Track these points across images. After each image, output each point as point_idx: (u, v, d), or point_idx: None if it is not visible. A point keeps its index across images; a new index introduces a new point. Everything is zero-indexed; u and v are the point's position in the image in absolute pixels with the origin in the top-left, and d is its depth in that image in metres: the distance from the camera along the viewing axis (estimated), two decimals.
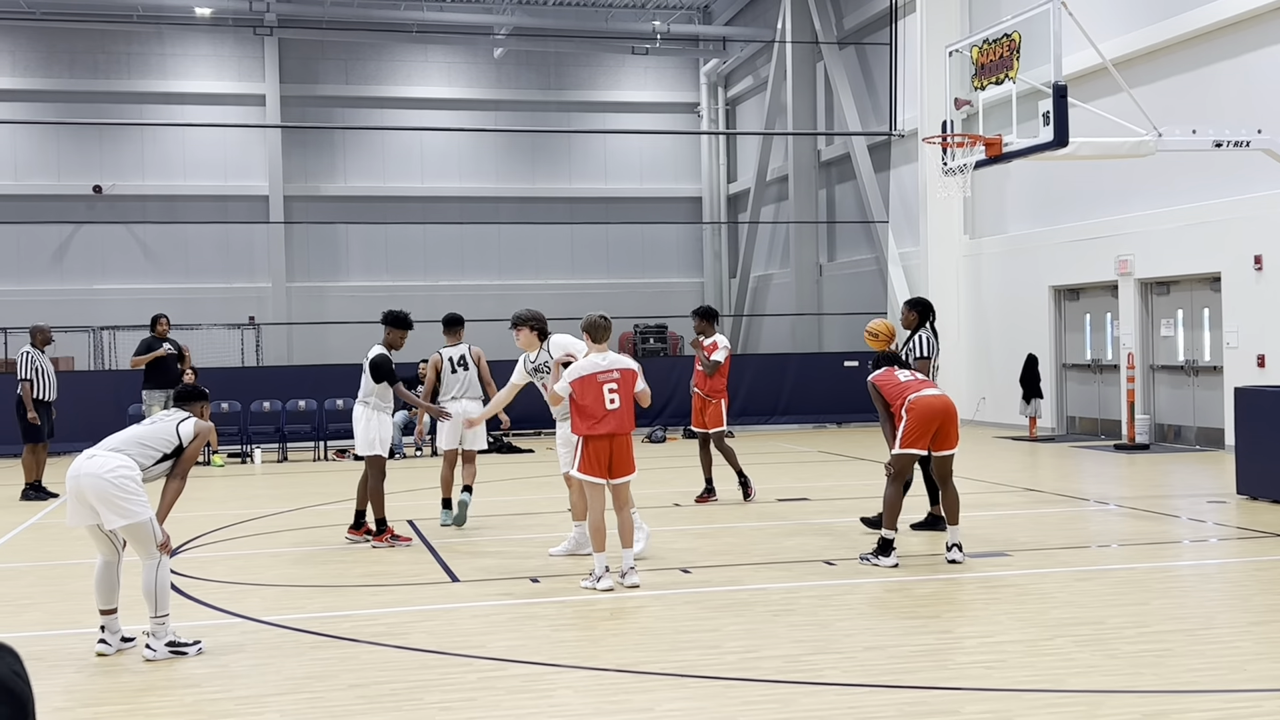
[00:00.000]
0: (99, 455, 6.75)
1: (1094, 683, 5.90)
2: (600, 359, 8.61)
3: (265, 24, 31.06)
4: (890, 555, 9.01)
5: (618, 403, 8.48)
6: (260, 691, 6.08)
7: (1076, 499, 12.94)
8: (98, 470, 6.63)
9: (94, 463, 6.69)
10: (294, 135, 32.33)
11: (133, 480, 6.66)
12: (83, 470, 6.68)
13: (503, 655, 6.64)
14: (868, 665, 6.29)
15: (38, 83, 30.95)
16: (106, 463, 6.68)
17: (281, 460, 19.62)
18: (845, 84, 27.74)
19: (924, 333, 10.96)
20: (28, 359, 14.90)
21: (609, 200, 34.56)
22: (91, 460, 6.71)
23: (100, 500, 6.60)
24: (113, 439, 6.98)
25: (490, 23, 32.01)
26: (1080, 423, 20.78)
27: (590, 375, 8.51)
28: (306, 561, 9.97)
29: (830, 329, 29.31)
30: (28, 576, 9.54)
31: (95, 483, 6.60)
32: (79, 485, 6.66)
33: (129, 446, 6.84)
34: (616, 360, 8.66)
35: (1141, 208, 18.76)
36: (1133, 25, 18.52)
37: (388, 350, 10.69)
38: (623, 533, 8.56)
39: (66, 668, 6.60)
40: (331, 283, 32.74)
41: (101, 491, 6.59)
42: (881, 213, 26.28)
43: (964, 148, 13.70)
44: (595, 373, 8.52)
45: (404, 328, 10.81)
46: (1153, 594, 7.95)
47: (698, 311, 13.29)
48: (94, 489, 6.60)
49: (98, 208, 31.33)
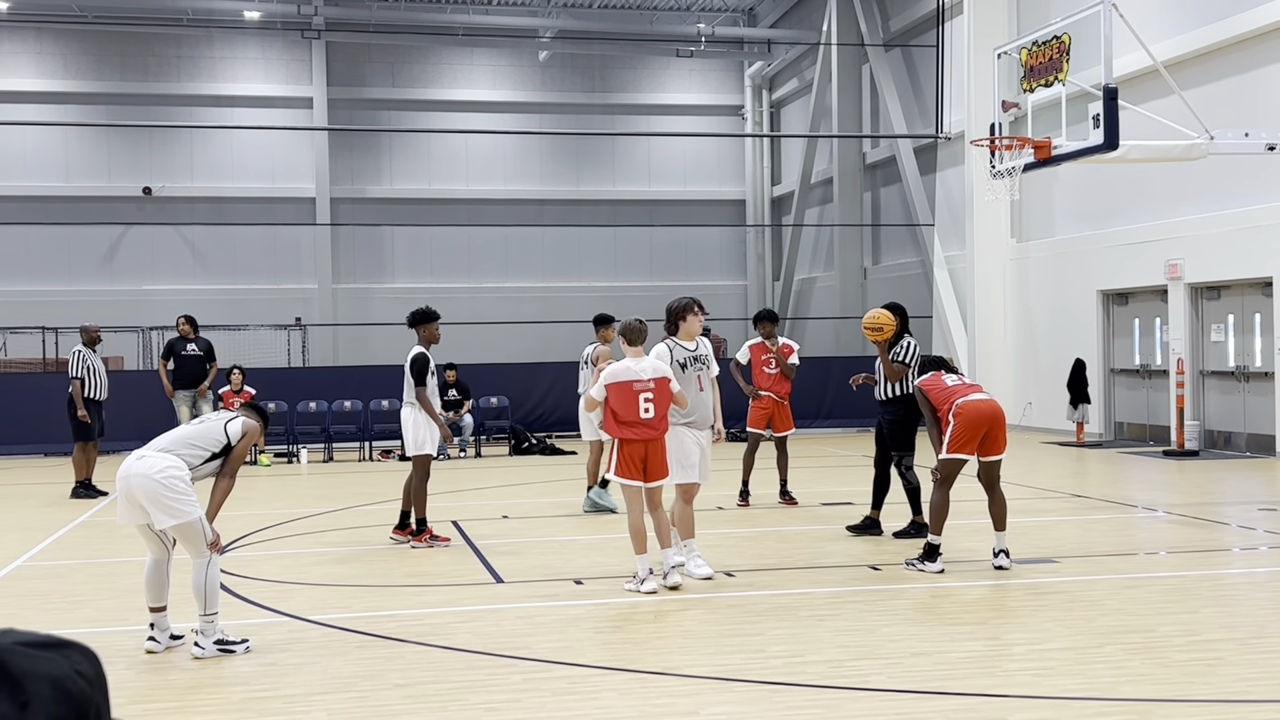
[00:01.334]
0: (148, 456, 6.81)
1: (1144, 691, 5.84)
2: (636, 364, 8.57)
3: (313, 27, 31.33)
4: (936, 560, 8.95)
5: (652, 412, 8.43)
6: (307, 690, 6.12)
7: (1125, 505, 12.81)
8: (147, 471, 6.69)
9: (143, 463, 6.75)
10: (340, 138, 32.55)
11: (181, 480, 6.72)
12: (132, 471, 6.74)
13: (547, 657, 6.65)
14: (914, 671, 6.24)
15: (89, 85, 31.32)
16: (155, 463, 6.73)
17: (327, 460, 19.74)
18: (891, 86, 27.60)
19: (908, 338, 10.88)
20: (79, 358, 15.07)
21: (652, 203, 34.57)
22: (141, 461, 6.77)
23: (150, 500, 6.66)
24: (161, 439, 7.04)
25: (535, 26, 32.12)
26: (1128, 428, 20.57)
27: (626, 383, 8.46)
28: (352, 561, 10.02)
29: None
30: (78, 574, 9.65)
31: (144, 483, 6.66)
32: (129, 485, 6.73)
33: (177, 446, 6.90)
34: (652, 367, 8.61)
35: (1192, 211, 18.54)
36: (1184, 27, 18.32)
37: (426, 347, 10.77)
38: (660, 533, 8.56)
39: (116, 664, 6.66)
40: (377, 284, 32.92)
41: (151, 492, 6.65)
42: (927, 216, 26.13)
43: (1012, 150, 13.60)
44: (631, 380, 8.47)
45: (434, 319, 10.88)
46: (1203, 602, 7.85)
47: (762, 315, 13.23)
48: (143, 489, 6.66)
49: (147, 209, 31.66)
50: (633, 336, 8.73)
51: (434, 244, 33.24)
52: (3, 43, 31.07)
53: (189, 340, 17.07)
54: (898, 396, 10.68)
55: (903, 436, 10.74)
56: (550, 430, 21.75)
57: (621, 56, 34.06)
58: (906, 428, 10.73)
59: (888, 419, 10.77)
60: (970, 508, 10.65)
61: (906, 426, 10.72)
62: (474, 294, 32.53)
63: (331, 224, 32.44)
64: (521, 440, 20.61)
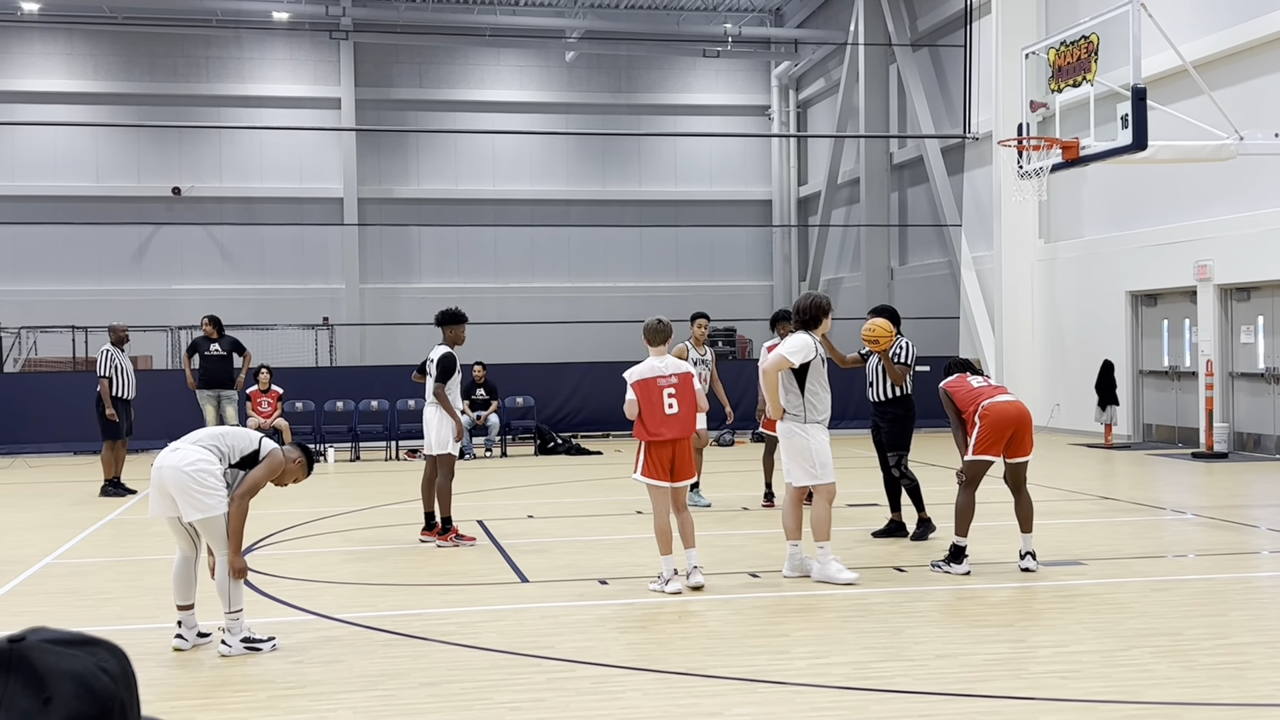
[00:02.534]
0: (181, 448, 6.86)
1: (1171, 694, 5.80)
2: (659, 362, 8.64)
3: (341, 28, 31.47)
4: (962, 562, 8.92)
5: (676, 407, 8.48)
6: (333, 689, 6.15)
7: (1153, 508, 12.73)
8: (178, 463, 6.74)
9: (175, 455, 6.80)
10: (368, 138, 32.68)
11: (212, 475, 6.76)
12: (165, 462, 6.80)
13: (572, 656, 6.66)
14: (939, 673, 6.23)
15: (119, 86, 31.54)
16: (187, 455, 6.78)
17: (354, 459, 19.83)
18: (918, 86, 27.52)
19: (903, 338, 10.86)
20: (107, 357, 15.17)
21: (679, 203, 34.57)
22: (174, 453, 6.83)
23: (179, 491, 6.71)
24: (196, 433, 7.08)
25: (562, 26, 32.16)
26: (1157, 430, 20.45)
27: (651, 379, 8.53)
28: (378, 560, 10.06)
29: (902, 333, 29.04)
30: (107, 572, 9.72)
31: (175, 475, 6.71)
32: (160, 476, 6.79)
33: (210, 440, 6.95)
34: (674, 364, 8.67)
35: (1221, 212, 18.42)
36: (1213, 27, 18.19)
37: (452, 348, 10.83)
38: (684, 533, 8.56)
39: (144, 662, 6.71)
40: (404, 284, 33.03)
41: (181, 484, 6.69)
42: (954, 216, 26.03)
43: (1040, 150, 13.54)
44: (655, 377, 8.54)
45: (462, 321, 11.01)
46: (1231, 605, 7.80)
47: (780, 316, 12.60)
48: (174, 480, 6.71)
49: (176, 209, 31.87)
50: (654, 336, 8.75)
51: (460, 244, 33.33)
52: (34, 44, 31.33)
53: (213, 340, 17.16)
54: (897, 397, 10.77)
55: (901, 435, 10.79)
56: (576, 430, 21.78)
57: (648, 57, 34.07)
58: (905, 427, 10.83)
59: (887, 419, 10.80)
60: (996, 509, 10.61)
61: (905, 425, 10.83)
62: (500, 294, 32.59)
63: (359, 224, 32.58)
64: (547, 440, 20.65)
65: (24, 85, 31.14)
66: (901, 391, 10.77)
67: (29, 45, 31.32)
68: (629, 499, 13.32)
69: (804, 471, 8.79)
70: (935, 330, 26.21)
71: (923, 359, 12.34)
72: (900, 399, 10.80)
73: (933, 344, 25.65)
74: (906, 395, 10.78)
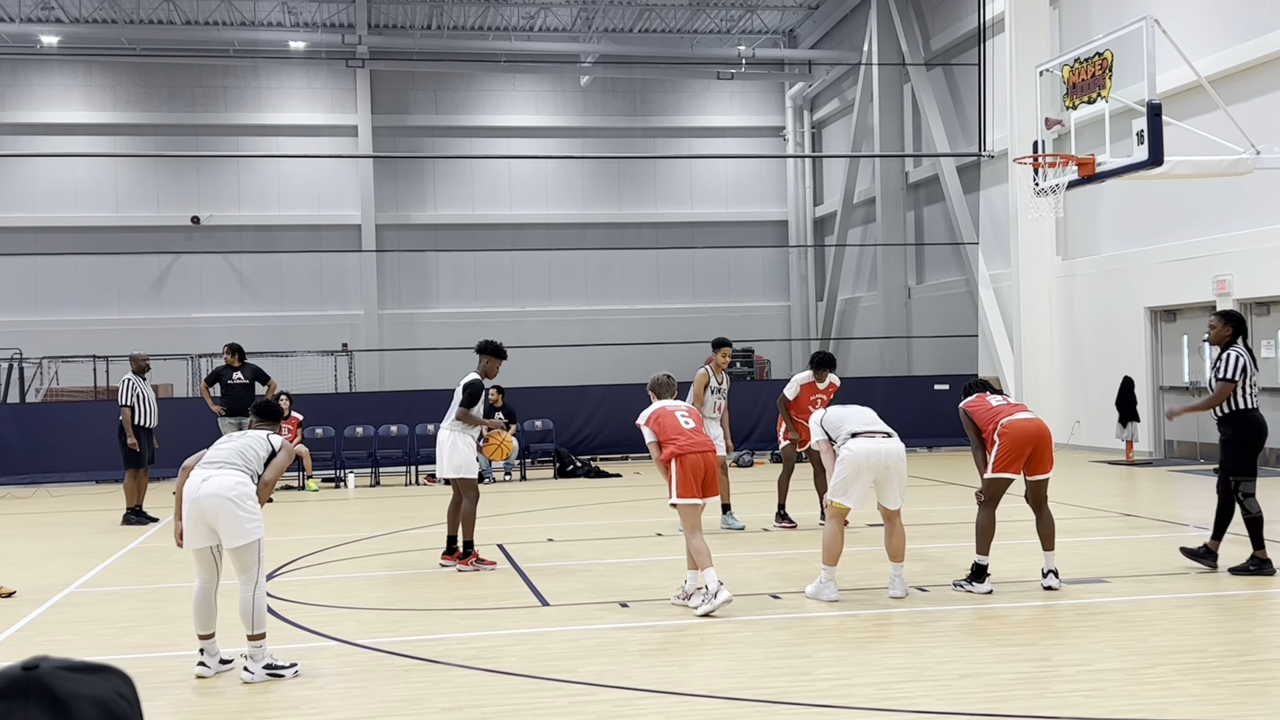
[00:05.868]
0: (214, 475, 6.87)
1: (1197, 712, 5.77)
2: (667, 403, 9.10)
3: (357, 56, 31.67)
4: (985, 581, 8.88)
5: (691, 423, 8.83)
6: (355, 714, 6.15)
7: (1175, 524, 12.66)
8: (219, 490, 6.75)
9: (212, 483, 6.80)
10: (385, 165, 32.86)
11: (252, 498, 6.84)
12: (203, 491, 6.79)
13: (593, 680, 6.65)
14: (963, 693, 6.20)
15: (138, 117, 31.81)
16: (225, 480, 6.80)
17: (374, 485, 19.85)
18: (933, 105, 27.54)
19: None
20: (129, 386, 15.24)
21: (695, 225, 34.63)
22: (208, 481, 6.82)
23: (228, 517, 6.73)
24: (215, 454, 7.08)
25: (577, 51, 32.32)
26: (1178, 446, 20.34)
27: (662, 408, 8.95)
28: (399, 585, 10.07)
29: (919, 352, 29.03)
30: (129, 600, 9.75)
31: (220, 503, 6.72)
32: (199, 507, 6.79)
33: (236, 458, 6.98)
34: (680, 404, 9.12)
35: (1239, 226, 18.36)
36: (1228, 42, 18.17)
37: (482, 378, 10.92)
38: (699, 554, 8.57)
39: (168, 689, 6.73)
40: (422, 309, 33.15)
41: (228, 512, 6.72)
42: (971, 234, 26.01)
43: (1056, 168, 13.53)
44: (666, 407, 8.97)
45: (500, 357, 11.06)
46: (1256, 622, 7.75)
47: (822, 361, 12.74)
48: (221, 509, 6.72)
49: (196, 238, 32.07)
50: (661, 391, 9.26)
51: (478, 268, 33.45)
52: (54, 76, 31.62)
53: (234, 369, 17.24)
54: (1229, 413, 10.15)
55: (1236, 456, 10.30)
56: (595, 453, 21.77)
57: (662, 80, 34.21)
58: (1237, 447, 10.15)
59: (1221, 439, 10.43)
60: (1018, 528, 10.57)
61: (1236, 446, 10.16)
62: (518, 318, 32.68)
63: (377, 250, 32.73)
64: (566, 463, 20.65)
65: (44, 117, 31.44)
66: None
67: (49, 78, 31.61)
68: (649, 521, 13.31)
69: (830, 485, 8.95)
70: (953, 349, 26.17)
71: (942, 378, 12.34)
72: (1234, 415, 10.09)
73: (951, 363, 25.62)
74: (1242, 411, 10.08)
